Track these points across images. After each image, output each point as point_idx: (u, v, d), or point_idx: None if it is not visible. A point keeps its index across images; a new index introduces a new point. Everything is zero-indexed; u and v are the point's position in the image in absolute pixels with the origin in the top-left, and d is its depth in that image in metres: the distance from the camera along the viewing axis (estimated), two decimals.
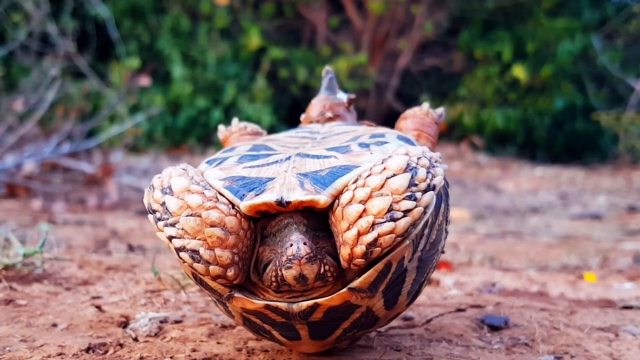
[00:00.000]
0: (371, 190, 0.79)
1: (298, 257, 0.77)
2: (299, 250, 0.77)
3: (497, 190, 5.15)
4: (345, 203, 0.79)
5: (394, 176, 0.79)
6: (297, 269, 0.77)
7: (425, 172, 0.80)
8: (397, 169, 0.79)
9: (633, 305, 1.51)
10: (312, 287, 0.81)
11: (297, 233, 0.79)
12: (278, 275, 0.79)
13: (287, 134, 1.12)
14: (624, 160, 6.58)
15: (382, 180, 0.79)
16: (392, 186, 0.78)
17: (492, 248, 2.74)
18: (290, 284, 0.79)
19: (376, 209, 0.78)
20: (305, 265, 0.77)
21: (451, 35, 7.46)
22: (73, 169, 4.14)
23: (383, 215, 0.77)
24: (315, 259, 0.78)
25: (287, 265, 0.77)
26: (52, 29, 5.11)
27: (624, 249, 2.79)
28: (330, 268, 0.80)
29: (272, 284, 0.80)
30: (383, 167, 0.80)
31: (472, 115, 6.93)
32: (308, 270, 0.78)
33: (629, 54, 7.16)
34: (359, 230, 0.78)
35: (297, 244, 0.77)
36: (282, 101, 7.13)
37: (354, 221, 0.78)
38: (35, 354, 1.00)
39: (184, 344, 1.08)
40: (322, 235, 0.82)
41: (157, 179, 0.85)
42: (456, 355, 1.07)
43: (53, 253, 1.74)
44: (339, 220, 0.80)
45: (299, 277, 0.78)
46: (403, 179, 0.79)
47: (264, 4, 7.09)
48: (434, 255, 0.94)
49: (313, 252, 0.78)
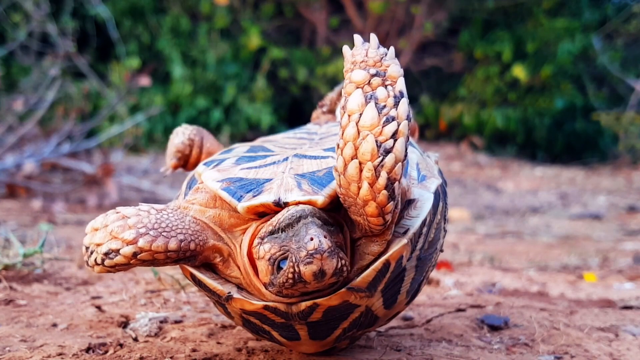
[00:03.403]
0: (353, 143, 0.76)
1: (320, 251, 0.73)
2: (320, 244, 0.74)
3: (497, 190, 5.15)
4: (342, 169, 0.77)
5: (360, 116, 0.76)
6: (318, 264, 0.74)
7: (384, 89, 0.77)
8: (358, 107, 0.77)
9: (633, 305, 1.50)
10: (322, 287, 0.78)
11: (316, 227, 0.76)
12: (296, 272, 0.75)
13: (284, 134, 1.12)
14: (624, 160, 6.58)
15: (354, 128, 0.76)
16: (366, 124, 0.76)
17: (492, 248, 2.74)
18: (307, 282, 0.75)
19: (367, 154, 0.75)
20: (327, 260, 0.74)
21: (451, 35, 7.45)
22: (73, 169, 4.14)
23: (377, 154, 0.75)
24: (334, 253, 0.75)
25: (307, 260, 0.74)
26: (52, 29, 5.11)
27: (624, 249, 2.79)
28: (345, 263, 0.77)
29: (288, 281, 0.76)
30: (347, 114, 0.78)
31: (472, 115, 6.92)
32: (328, 266, 0.74)
33: (629, 54, 7.16)
34: (368, 183, 0.75)
35: (318, 238, 0.74)
36: (282, 101, 7.13)
37: (358, 178, 0.76)
38: (35, 354, 1.00)
39: (184, 344, 1.08)
40: (332, 230, 0.80)
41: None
42: (456, 355, 1.07)
43: (53, 253, 1.74)
44: (347, 187, 0.78)
45: (319, 273, 0.74)
46: (369, 112, 0.76)
47: (264, 4, 7.08)
48: (432, 254, 0.94)
49: (333, 245, 0.75)
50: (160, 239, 0.81)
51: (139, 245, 0.80)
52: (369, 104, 0.76)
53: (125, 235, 0.80)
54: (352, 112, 0.77)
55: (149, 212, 0.83)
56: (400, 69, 0.79)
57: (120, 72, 5.91)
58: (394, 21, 7.08)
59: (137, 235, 0.80)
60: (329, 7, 7.20)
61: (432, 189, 0.89)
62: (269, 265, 0.78)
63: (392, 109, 0.76)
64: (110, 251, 0.80)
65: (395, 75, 0.78)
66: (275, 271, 0.78)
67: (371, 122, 0.76)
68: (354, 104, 0.77)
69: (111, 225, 0.81)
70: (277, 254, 0.78)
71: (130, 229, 0.81)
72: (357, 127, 0.76)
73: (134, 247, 0.80)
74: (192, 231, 0.84)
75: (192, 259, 0.85)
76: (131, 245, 0.80)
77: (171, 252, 0.82)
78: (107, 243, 0.81)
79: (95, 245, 0.82)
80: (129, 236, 0.80)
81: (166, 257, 0.82)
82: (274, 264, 0.78)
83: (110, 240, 0.81)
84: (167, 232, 0.82)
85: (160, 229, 0.82)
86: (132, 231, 0.80)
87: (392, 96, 0.77)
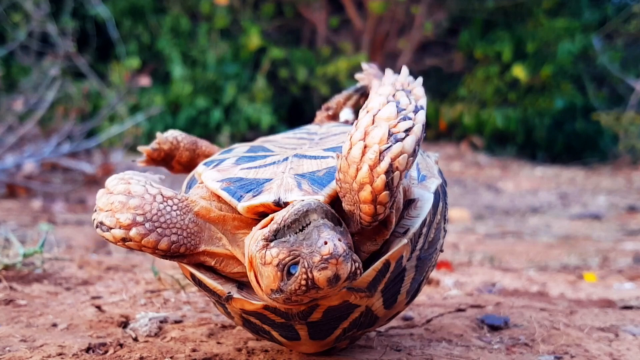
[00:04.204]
0: (365, 128, 0.76)
1: (336, 255, 0.70)
2: (336, 248, 0.70)
3: (497, 190, 5.15)
4: (346, 152, 0.76)
5: (379, 111, 0.77)
6: (334, 270, 0.70)
7: (407, 98, 0.79)
8: (379, 105, 0.78)
9: (633, 305, 1.50)
10: (334, 293, 0.75)
11: (328, 229, 0.72)
12: (309, 279, 0.70)
13: (284, 135, 1.12)
14: (624, 160, 6.58)
15: (370, 117, 0.77)
16: (383, 116, 0.77)
17: (492, 248, 2.74)
18: (320, 288, 0.71)
19: (377, 137, 0.74)
20: (342, 264, 0.70)
21: (451, 35, 7.45)
22: (73, 169, 4.14)
23: (387, 140, 0.74)
24: (349, 256, 0.71)
25: (321, 265, 0.70)
26: (52, 29, 5.11)
27: (624, 249, 2.79)
28: (359, 265, 0.74)
29: (300, 288, 0.71)
30: (366, 110, 0.79)
31: (472, 115, 6.92)
32: (343, 270, 0.70)
33: (629, 54, 7.16)
34: (369, 165, 0.74)
35: (332, 241, 0.70)
36: (282, 101, 7.13)
37: (360, 159, 0.74)
38: (35, 354, 1.00)
39: (184, 344, 1.08)
40: (342, 231, 0.76)
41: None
42: (456, 355, 1.07)
43: (53, 253, 1.74)
44: (346, 170, 0.75)
45: (333, 278, 0.70)
46: (390, 107, 0.77)
47: (264, 4, 7.08)
48: (432, 254, 0.94)
49: (347, 249, 0.71)
50: (153, 235, 0.81)
51: (129, 234, 0.80)
52: (390, 103, 0.78)
53: (121, 218, 0.80)
54: (372, 108, 0.78)
55: (155, 197, 0.82)
56: (424, 93, 0.82)
57: (120, 72, 5.91)
58: (394, 21, 7.08)
59: (132, 223, 0.80)
60: (329, 7, 7.20)
61: (432, 189, 0.89)
62: (278, 272, 0.73)
63: (410, 113, 0.77)
64: (104, 224, 0.81)
65: (420, 95, 0.81)
66: (285, 277, 0.73)
67: (388, 115, 0.77)
68: (377, 103, 0.79)
69: (115, 196, 0.82)
70: (286, 259, 0.72)
71: (128, 210, 0.80)
72: (374, 117, 0.77)
73: (125, 233, 0.80)
74: (188, 233, 0.83)
75: (180, 257, 0.85)
76: (123, 230, 0.80)
77: (159, 250, 0.82)
78: (104, 214, 0.81)
79: (98, 207, 0.83)
80: (125, 220, 0.80)
81: (153, 252, 0.82)
82: (283, 270, 0.73)
83: (108, 212, 0.81)
84: (162, 228, 0.81)
85: (158, 223, 0.81)
86: (129, 215, 0.80)
87: (413, 104, 0.79)
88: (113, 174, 0.88)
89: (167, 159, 1.17)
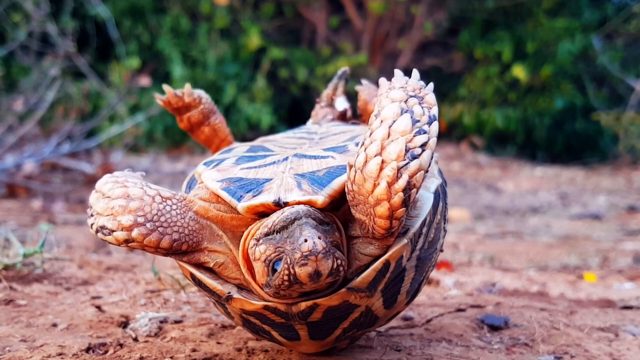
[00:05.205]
0: (381, 142, 0.76)
1: (315, 252, 0.73)
2: (315, 245, 0.74)
3: (497, 190, 5.14)
4: (361, 165, 0.76)
5: (394, 122, 0.77)
6: (313, 266, 0.74)
7: (420, 107, 0.79)
8: (394, 115, 0.78)
9: (633, 305, 1.50)
10: (320, 287, 0.78)
11: (310, 228, 0.76)
12: (291, 274, 0.75)
13: (284, 134, 1.12)
14: (624, 160, 6.57)
15: (386, 129, 0.77)
16: (398, 129, 0.76)
17: (492, 248, 2.74)
18: (303, 283, 0.75)
19: (394, 153, 0.75)
20: (321, 260, 0.74)
21: (451, 35, 7.45)
22: (73, 169, 4.14)
23: (404, 157, 0.75)
24: (329, 253, 0.75)
25: (302, 262, 0.73)
26: (52, 29, 5.11)
27: (624, 249, 2.79)
28: (342, 262, 0.77)
29: (284, 283, 0.76)
30: (380, 120, 0.78)
31: (472, 115, 6.92)
32: (323, 267, 0.74)
33: (629, 54, 7.15)
34: (387, 182, 0.74)
35: (312, 239, 0.74)
36: (282, 101, 7.13)
37: (377, 175, 0.75)
38: (35, 354, 1.00)
39: (184, 344, 1.08)
40: (327, 229, 0.79)
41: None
42: (456, 355, 1.07)
43: (53, 253, 1.74)
44: (361, 184, 0.76)
45: (314, 274, 0.74)
46: (405, 119, 0.77)
47: (264, 4, 7.08)
48: (432, 254, 0.94)
49: (327, 246, 0.75)
50: (155, 235, 0.82)
51: (132, 235, 0.81)
52: (405, 114, 0.77)
53: (122, 220, 0.81)
54: (386, 118, 0.78)
55: (154, 199, 0.84)
56: (435, 100, 0.81)
57: (120, 72, 5.91)
58: (394, 21, 7.08)
59: (133, 224, 0.81)
60: (329, 7, 7.20)
61: (432, 189, 0.89)
62: (265, 267, 0.78)
63: (425, 125, 0.77)
64: (106, 228, 0.82)
65: (432, 103, 0.80)
66: (270, 272, 0.77)
67: (404, 128, 0.76)
68: (390, 112, 0.78)
69: (114, 200, 0.82)
70: (272, 255, 0.77)
71: (129, 213, 0.82)
72: (389, 130, 0.76)
73: (127, 234, 0.81)
74: (189, 231, 0.84)
75: (182, 255, 0.86)
76: (125, 232, 0.81)
77: (162, 249, 0.83)
78: (105, 218, 0.82)
79: (96, 212, 0.83)
80: (126, 222, 0.81)
81: (156, 251, 0.83)
82: (269, 265, 0.77)
83: (108, 217, 0.82)
84: (163, 227, 0.83)
85: (159, 222, 0.83)
86: (130, 217, 0.81)
87: (426, 115, 0.78)
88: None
89: (181, 110, 1.18)
